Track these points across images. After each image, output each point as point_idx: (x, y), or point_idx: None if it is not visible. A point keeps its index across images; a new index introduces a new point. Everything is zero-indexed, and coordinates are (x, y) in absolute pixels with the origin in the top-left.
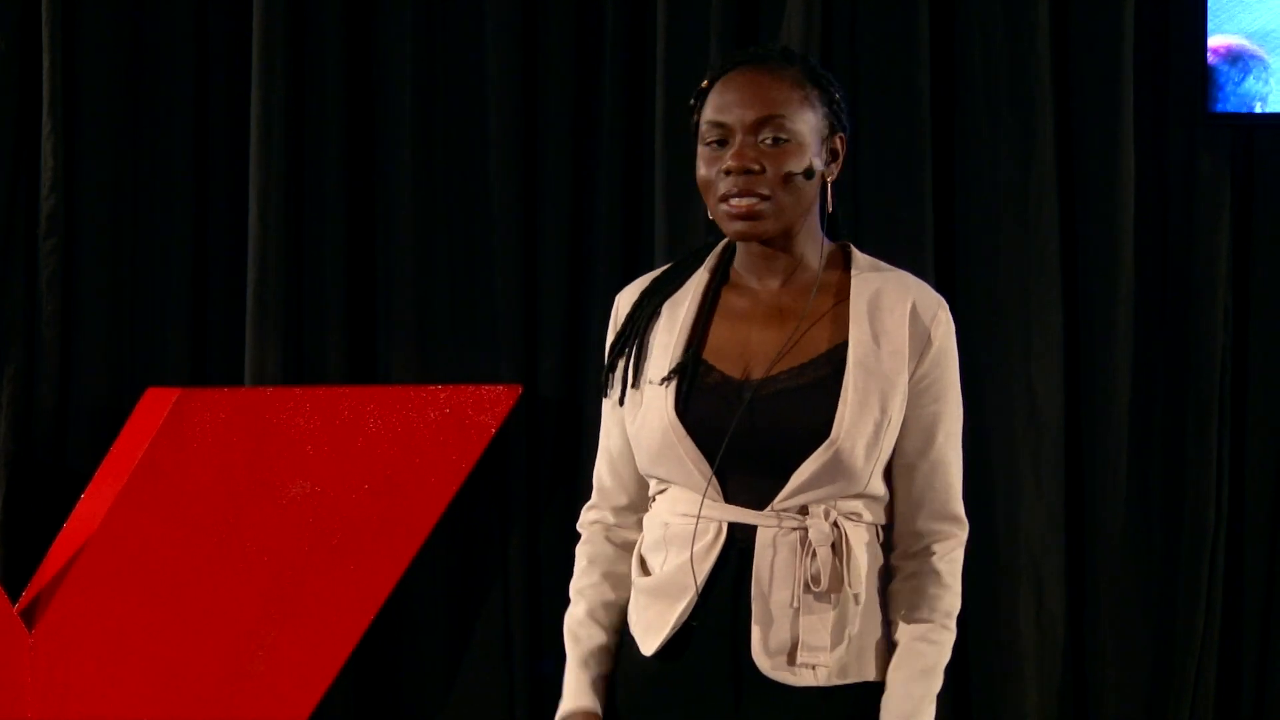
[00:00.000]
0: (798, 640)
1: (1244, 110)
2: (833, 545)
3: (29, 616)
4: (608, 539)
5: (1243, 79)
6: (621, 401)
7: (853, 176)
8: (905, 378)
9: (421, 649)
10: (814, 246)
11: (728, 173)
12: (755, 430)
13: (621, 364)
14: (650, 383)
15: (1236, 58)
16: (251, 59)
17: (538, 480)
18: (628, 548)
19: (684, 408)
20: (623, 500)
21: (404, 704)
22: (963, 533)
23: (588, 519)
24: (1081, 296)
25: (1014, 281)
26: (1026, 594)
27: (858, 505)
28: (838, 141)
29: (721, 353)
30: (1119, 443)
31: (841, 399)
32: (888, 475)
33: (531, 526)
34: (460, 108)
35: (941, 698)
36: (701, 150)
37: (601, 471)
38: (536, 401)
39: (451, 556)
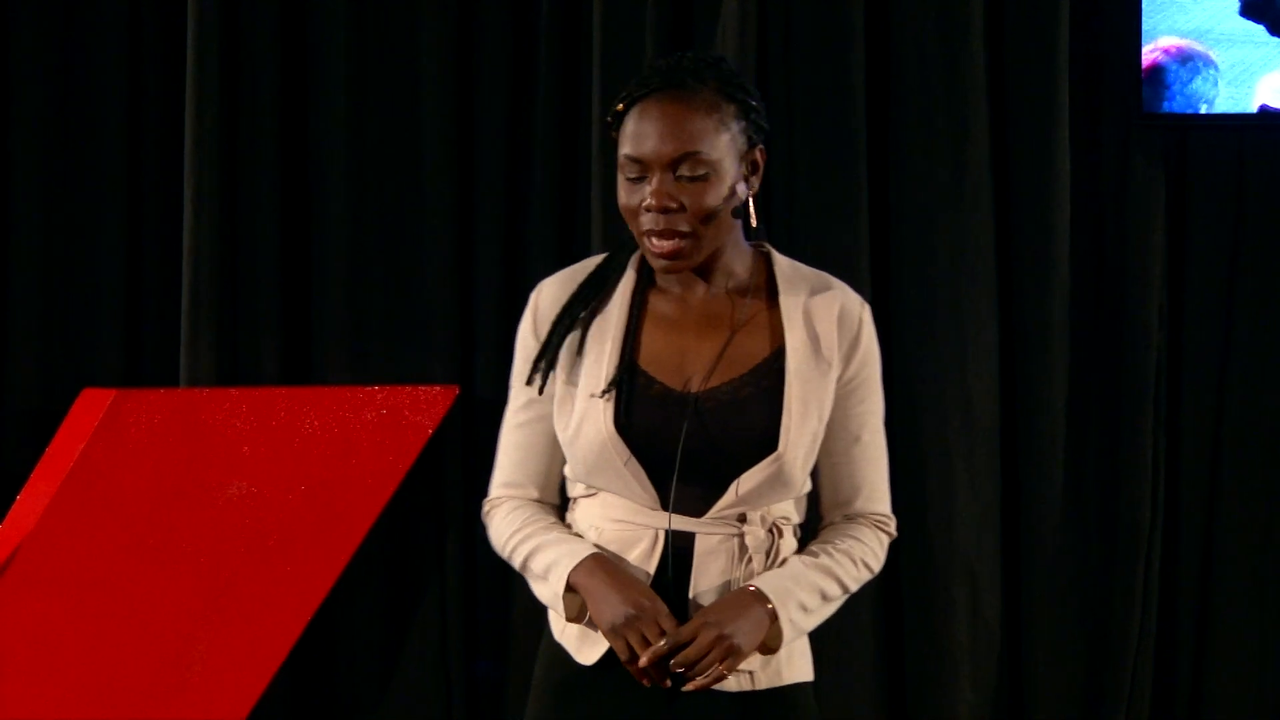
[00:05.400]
0: None
1: (1190, 110)
2: (766, 551)
3: None
4: (525, 500)
5: (1191, 79)
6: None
7: (788, 180)
8: (834, 383)
9: (358, 649)
10: (738, 255)
11: (648, 209)
12: (701, 442)
13: (544, 367)
14: (586, 393)
15: (1187, 58)
16: (185, 61)
17: (474, 481)
18: (548, 511)
19: (625, 420)
20: (534, 494)
21: (341, 704)
22: (889, 525)
23: (493, 497)
24: (1017, 297)
25: (949, 283)
26: (961, 595)
27: (789, 509)
28: (757, 154)
29: (658, 363)
30: (1054, 443)
31: (785, 411)
32: (813, 474)
33: (468, 527)
34: (394, 107)
35: (876, 698)
36: (621, 179)
37: (507, 465)
38: (472, 402)
39: (388, 557)
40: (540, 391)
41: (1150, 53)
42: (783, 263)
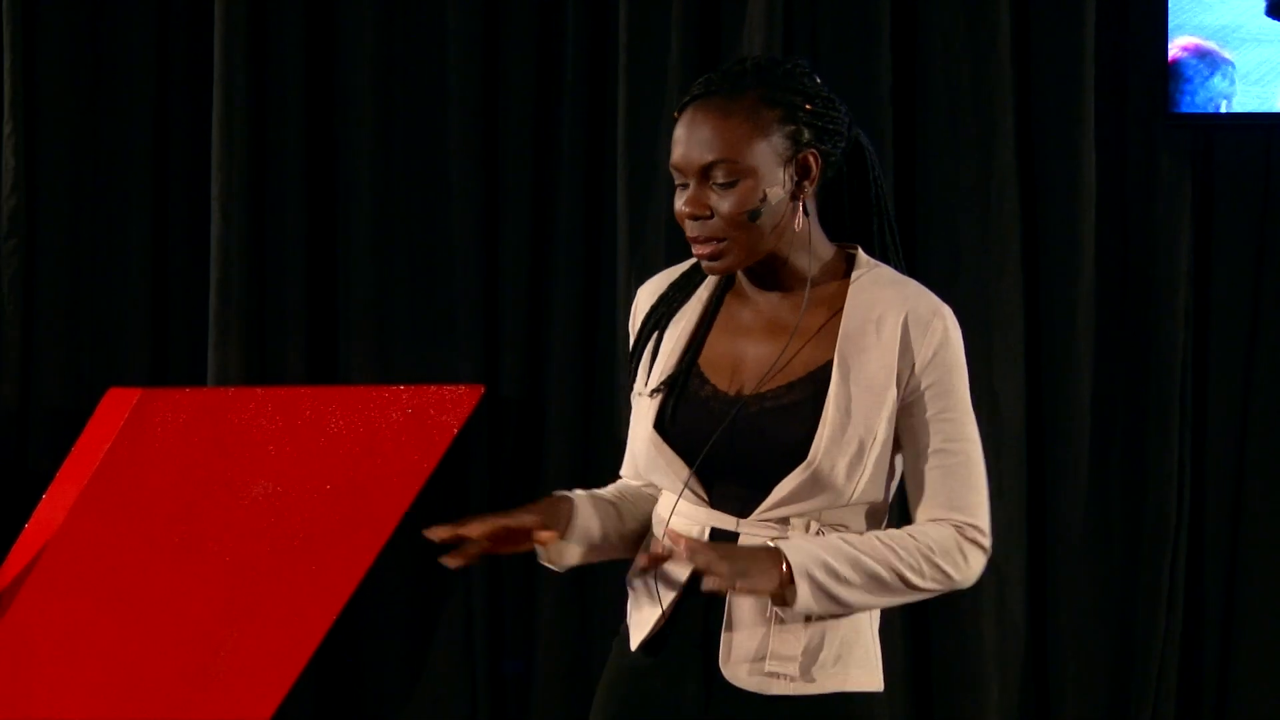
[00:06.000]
0: (769, 649)
1: (1208, 106)
2: None
3: None
4: (627, 483)
5: (1211, 74)
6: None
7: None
8: (893, 392)
9: (384, 649)
10: (806, 257)
11: (684, 216)
12: (736, 447)
13: (635, 365)
14: (642, 393)
15: (1205, 54)
16: (213, 61)
17: (499, 480)
18: (641, 492)
19: (670, 420)
20: (634, 480)
21: (367, 704)
22: (974, 534)
23: None
24: (1043, 298)
25: (975, 283)
26: (988, 594)
27: (843, 516)
28: (809, 158)
29: (716, 365)
30: (1080, 443)
31: (822, 420)
32: (902, 484)
33: None
34: (420, 105)
35: (903, 698)
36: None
37: (626, 451)
38: (498, 401)
39: (414, 556)
40: (632, 388)
41: (1169, 50)
42: (863, 265)
